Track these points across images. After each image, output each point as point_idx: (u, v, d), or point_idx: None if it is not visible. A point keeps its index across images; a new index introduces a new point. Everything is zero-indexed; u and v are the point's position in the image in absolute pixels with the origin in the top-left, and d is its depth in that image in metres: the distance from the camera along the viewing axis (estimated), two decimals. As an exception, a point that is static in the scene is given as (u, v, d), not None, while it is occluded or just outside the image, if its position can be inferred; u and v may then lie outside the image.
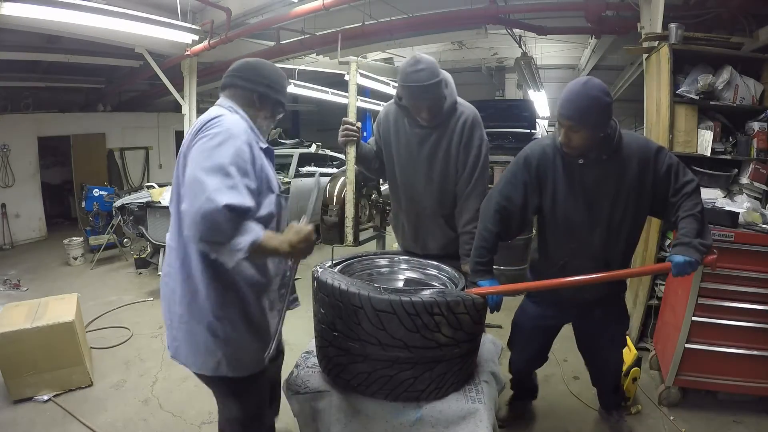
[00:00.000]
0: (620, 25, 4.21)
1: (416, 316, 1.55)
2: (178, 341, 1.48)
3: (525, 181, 1.83)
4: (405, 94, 1.92)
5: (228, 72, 1.55)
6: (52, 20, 3.71)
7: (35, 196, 7.04)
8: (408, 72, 1.85)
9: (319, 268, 1.82)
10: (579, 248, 1.84)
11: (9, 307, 2.83)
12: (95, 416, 2.44)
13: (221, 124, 1.33)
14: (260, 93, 1.51)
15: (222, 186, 1.20)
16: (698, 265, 1.64)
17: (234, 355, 1.47)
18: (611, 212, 1.79)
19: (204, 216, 1.18)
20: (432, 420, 1.66)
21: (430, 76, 1.83)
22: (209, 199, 1.18)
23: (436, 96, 1.89)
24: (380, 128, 2.16)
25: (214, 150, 1.26)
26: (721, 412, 2.42)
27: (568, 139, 1.69)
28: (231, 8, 4.72)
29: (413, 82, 1.84)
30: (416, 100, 1.90)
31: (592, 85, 1.62)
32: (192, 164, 1.27)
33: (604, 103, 1.62)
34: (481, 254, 1.86)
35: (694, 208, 1.68)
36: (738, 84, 2.75)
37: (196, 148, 1.30)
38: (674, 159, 1.75)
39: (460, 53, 8.23)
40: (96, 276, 5.05)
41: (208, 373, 1.48)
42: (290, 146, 7.07)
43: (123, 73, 7.47)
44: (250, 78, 1.51)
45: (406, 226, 2.21)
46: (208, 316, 1.42)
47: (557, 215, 1.85)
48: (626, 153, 1.74)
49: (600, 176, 1.76)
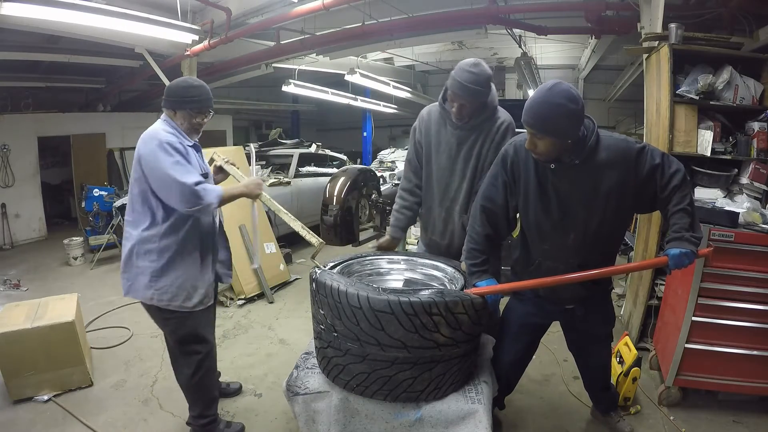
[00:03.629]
0: (620, 25, 4.21)
1: (415, 317, 1.55)
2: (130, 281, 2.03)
3: (505, 181, 1.82)
4: (451, 85, 2.05)
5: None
6: (52, 20, 3.71)
7: (35, 196, 7.04)
8: (464, 69, 2.02)
9: (317, 269, 1.82)
10: (551, 250, 1.82)
11: (9, 307, 2.83)
12: (95, 416, 2.44)
13: (158, 137, 1.89)
14: (171, 102, 2.01)
15: (184, 173, 1.85)
16: (694, 257, 1.64)
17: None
18: (587, 217, 1.74)
19: (183, 192, 1.83)
20: (431, 420, 1.67)
21: (477, 82, 2.00)
22: (182, 184, 1.82)
23: (473, 101, 2.05)
24: (422, 125, 2.27)
25: (165, 156, 1.86)
26: (721, 412, 2.42)
27: (533, 146, 1.65)
28: (231, 8, 4.72)
29: (462, 80, 2.00)
30: (457, 94, 2.04)
31: (557, 92, 1.55)
32: (156, 166, 1.85)
33: (568, 110, 1.55)
34: (473, 255, 1.86)
35: (683, 201, 1.66)
36: (738, 84, 2.75)
37: (152, 156, 1.86)
38: (657, 157, 1.67)
39: (460, 53, 8.23)
40: (96, 276, 5.05)
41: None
42: (290, 146, 7.06)
43: (123, 73, 7.48)
44: (165, 95, 2.04)
45: (437, 221, 2.29)
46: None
47: (529, 217, 1.83)
48: (604, 156, 1.67)
49: (573, 181, 1.70)
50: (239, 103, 10.75)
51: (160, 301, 1.99)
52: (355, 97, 9.24)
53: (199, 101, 2.01)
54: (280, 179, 5.88)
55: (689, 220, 1.66)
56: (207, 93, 2.04)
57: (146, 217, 1.96)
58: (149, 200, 1.93)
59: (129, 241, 2.00)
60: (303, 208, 6.08)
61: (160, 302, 1.99)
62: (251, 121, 13.28)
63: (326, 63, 7.28)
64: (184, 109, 2.00)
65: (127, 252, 2.00)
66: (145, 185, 1.91)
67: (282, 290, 4.44)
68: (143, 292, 1.98)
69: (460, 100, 2.04)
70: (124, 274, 2.03)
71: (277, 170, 6.34)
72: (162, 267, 1.96)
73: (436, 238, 2.31)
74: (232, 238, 2.73)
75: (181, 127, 2.01)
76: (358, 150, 11.96)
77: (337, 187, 4.23)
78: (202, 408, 2.16)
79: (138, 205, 1.96)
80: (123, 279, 2.04)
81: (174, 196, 1.85)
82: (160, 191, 1.89)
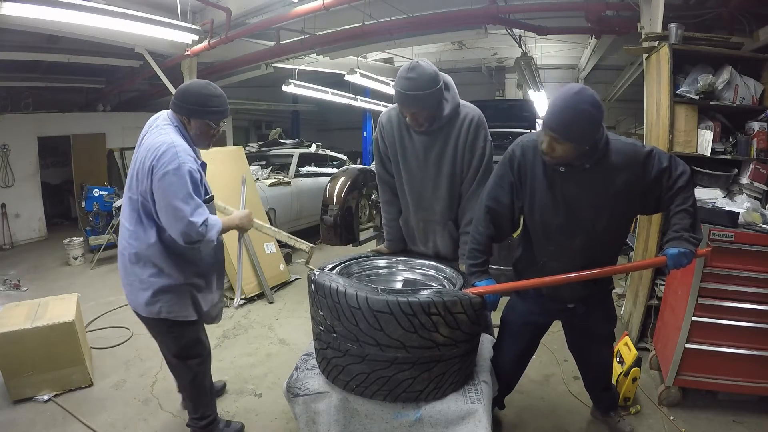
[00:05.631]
0: (620, 25, 4.21)
1: (413, 317, 1.55)
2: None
3: (511, 182, 1.80)
4: (395, 96, 1.91)
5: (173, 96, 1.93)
6: (52, 20, 3.71)
7: (35, 196, 7.04)
8: (401, 76, 1.85)
9: (316, 271, 1.82)
10: (557, 251, 1.82)
11: (9, 307, 2.83)
12: (95, 416, 2.44)
13: (178, 160, 1.75)
14: (188, 109, 1.87)
15: (194, 209, 1.76)
16: (692, 256, 1.64)
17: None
18: (594, 220, 1.74)
19: (188, 231, 1.75)
20: (431, 420, 1.67)
21: (418, 86, 1.81)
22: (191, 222, 1.74)
23: (422, 107, 1.87)
24: (383, 135, 2.13)
25: (182, 185, 1.74)
26: (721, 412, 2.42)
27: (551, 149, 1.63)
28: (231, 8, 4.72)
29: (401, 88, 1.84)
30: (402, 105, 1.90)
31: (583, 98, 1.53)
32: (167, 193, 1.74)
33: (593, 117, 1.54)
34: (474, 256, 1.86)
35: (685, 202, 1.66)
36: (738, 84, 2.75)
37: (167, 180, 1.73)
38: (664, 161, 1.68)
39: (460, 53, 8.23)
40: (96, 276, 5.05)
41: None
42: (290, 146, 7.07)
43: (123, 73, 7.47)
44: (181, 100, 1.87)
45: (416, 232, 2.21)
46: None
47: (535, 218, 1.82)
48: (613, 161, 1.67)
49: (582, 185, 1.71)
50: (239, 103, 10.74)
51: (169, 314, 1.92)
52: (355, 97, 9.23)
53: (220, 112, 1.89)
54: (280, 179, 5.88)
55: (690, 221, 1.66)
56: (227, 103, 1.92)
57: (151, 229, 1.86)
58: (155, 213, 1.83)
59: (128, 252, 1.90)
60: (303, 208, 6.09)
61: (170, 314, 1.93)
62: (251, 121, 13.26)
63: (326, 63, 7.27)
64: (204, 118, 1.87)
65: (128, 263, 1.91)
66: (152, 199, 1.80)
67: (282, 290, 4.45)
68: (149, 306, 1.91)
69: (408, 109, 1.89)
70: (127, 287, 1.96)
71: (277, 170, 6.35)
72: (170, 283, 1.90)
73: (420, 248, 2.24)
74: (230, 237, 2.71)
75: (194, 137, 1.90)
76: (358, 150, 11.95)
77: (337, 187, 4.22)
78: (203, 409, 2.16)
79: (143, 216, 1.85)
80: (126, 290, 1.97)
81: (177, 229, 1.75)
82: (164, 216, 1.78)
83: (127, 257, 1.91)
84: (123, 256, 1.94)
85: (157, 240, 1.86)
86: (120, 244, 1.97)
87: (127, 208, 1.91)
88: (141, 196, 1.82)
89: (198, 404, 2.16)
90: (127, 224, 1.91)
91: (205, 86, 1.89)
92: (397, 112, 2.06)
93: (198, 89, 1.87)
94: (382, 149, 2.16)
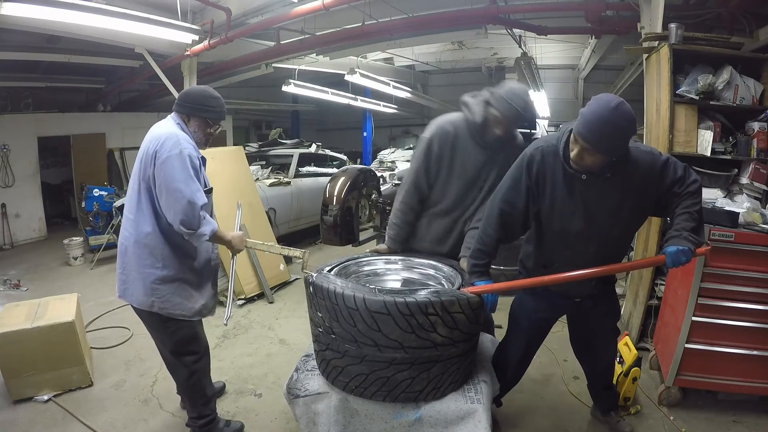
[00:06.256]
0: (620, 25, 4.21)
1: (411, 317, 1.55)
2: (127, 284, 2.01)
3: (528, 186, 1.80)
4: (507, 109, 2.02)
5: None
6: (52, 20, 3.71)
7: (35, 196, 7.04)
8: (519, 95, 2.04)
9: (313, 273, 1.81)
10: (573, 255, 1.83)
11: (9, 307, 2.83)
12: (95, 416, 2.44)
13: (180, 145, 1.88)
14: (187, 108, 2.02)
15: (194, 192, 1.85)
16: (691, 254, 1.64)
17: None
18: (612, 226, 1.77)
19: (187, 211, 1.82)
20: (431, 420, 1.67)
21: (529, 109, 2.05)
22: (190, 203, 1.83)
23: (518, 125, 2.14)
24: (446, 139, 2.19)
25: (184, 168, 1.85)
26: (721, 412, 2.42)
27: (580, 158, 1.64)
28: (231, 8, 4.72)
29: (521, 108, 2.02)
30: (510, 120, 2.06)
31: (621, 114, 1.53)
32: (168, 176, 1.84)
33: (628, 133, 1.58)
34: (478, 256, 1.86)
35: (691, 207, 1.68)
36: (738, 84, 2.74)
37: (170, 163, 1.84)
38: (679, 170, 1.71)
39: (460, 53, 8.24)
40: (96, 276, 5.05)
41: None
42: (290, 146, 7.06)
43: (123, 73, 7.47)
44: (182, 99, 2.04)
45: (437, 230, 2.27)
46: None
47: (553, 224, 1.83)
48: (632, 169, 1.70)
49: (602, 193, 1.73)
50: (239, 103, 10.75)
51: (162, 309, 1.96)
52: (355, 97, 9.23)
53: (216, 112, 2.04)
54: (280, 179, 5.88)
55: (693, 225, 1.67)
56: (224, 106, 2.08)
57: (151, 217, 1.92)
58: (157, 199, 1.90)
59: (128, 240, 1.97)
60: (303, 208, 6.08)
61: (162, 310, 1.96)
62: (251, 121, 13.27)
63: (326, 63, 7.27)
64: (201, 117, 2.01)
65: (126, 252, 1.97)
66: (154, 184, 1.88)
67: (282, 290, 4.45)
68: (142, 298, 1.96)
69: (512, 125, 2.08)
70: (121, 276, 2.00)
71: (277, 170, 6.35)
72: (165, 274, 1.94)
73: (429, 245, 2.28)
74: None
75: (193, 134, 2.02)
76: (358, 150, 11.96)
77: (337, 187, 4.23)
78: (200, 408, 2.16)
79: (144, 203, 1.93)
80: (119, 280, 2.01)
81: (177, 210, 1.82)
82: (164, 199, 1.86)
83: (126, 246, 1.99)
84: (122, 246, 2.02)
85: (156, 228, 1.93)
86: (121, 235, 2.04)
87: (130, 200, 2.00)
88: (144, 182, 1.92)
89: (195, 403, 2.16)
90: (128, 214, 2.01)
91: (204, 89, 2.07)
92: (463, 122, 2.18)
93: (198, 91, 2.06)
94: (436, 152, 2.20)
